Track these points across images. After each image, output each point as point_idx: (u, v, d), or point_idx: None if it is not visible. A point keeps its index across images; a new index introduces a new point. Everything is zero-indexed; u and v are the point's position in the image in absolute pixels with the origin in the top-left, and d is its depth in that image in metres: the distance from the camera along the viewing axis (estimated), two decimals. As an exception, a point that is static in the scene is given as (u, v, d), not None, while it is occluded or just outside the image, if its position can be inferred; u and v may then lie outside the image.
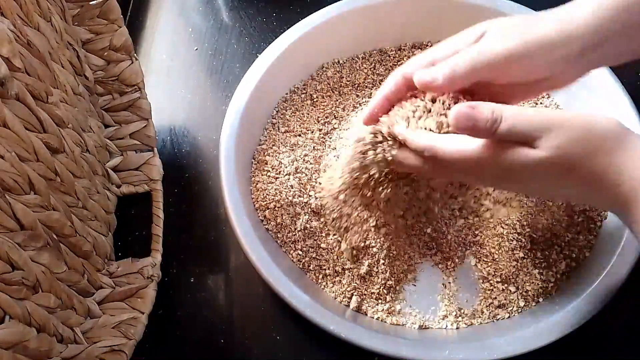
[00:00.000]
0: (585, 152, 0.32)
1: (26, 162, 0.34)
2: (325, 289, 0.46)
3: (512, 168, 0.33)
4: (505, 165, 0.33)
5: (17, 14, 0.35)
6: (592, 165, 0.32)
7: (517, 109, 0.33)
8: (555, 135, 0.32)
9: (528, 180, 0.34)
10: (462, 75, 0.36)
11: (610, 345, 0.45)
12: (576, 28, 0.36)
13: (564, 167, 0.32)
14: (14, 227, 0.33)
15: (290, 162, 0.49)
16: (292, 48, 0.52)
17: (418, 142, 0.36)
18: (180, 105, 0.57)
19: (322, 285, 0.46)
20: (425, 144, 0.36)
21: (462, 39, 0.38)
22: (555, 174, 0.33)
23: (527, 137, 0.33)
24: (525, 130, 0.32)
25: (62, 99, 0.41)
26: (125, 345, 0.42)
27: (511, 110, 0.33)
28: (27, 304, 0.34)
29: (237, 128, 0.48)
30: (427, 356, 0.40)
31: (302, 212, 0.47)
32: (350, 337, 0.41)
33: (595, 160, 0.32)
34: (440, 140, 0.36)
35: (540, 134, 0.32)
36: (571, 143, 0.32)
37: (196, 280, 0.49)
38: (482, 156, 0.34)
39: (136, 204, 0.52)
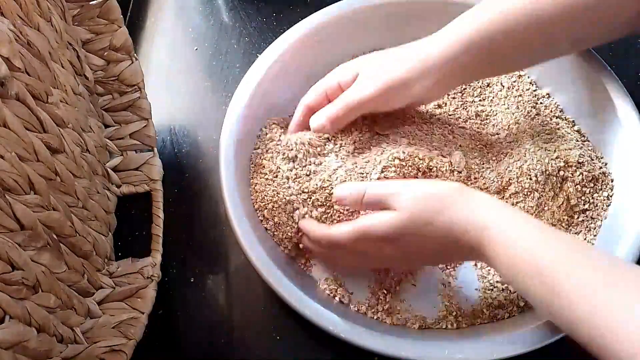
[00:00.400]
0: (431, 208, 0.38)
1: (26, 162, 0.34)
2: (325, 289, 0.46)
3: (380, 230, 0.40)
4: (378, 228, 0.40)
5: (17, 14, 0.35)
6: (441, 220, 0.38)
7: (377, 183, 0.43)
8: (404, 197, 0.39)
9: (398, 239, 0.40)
10: (343, 117, 0.46)
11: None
12: (432, 64, 0.43)
13: (418, 224, 0.39)
14: (14, 227, 0.33)
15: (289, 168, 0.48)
16: (292, 48, 0.52)
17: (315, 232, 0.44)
18: (180, 105, 0.57)
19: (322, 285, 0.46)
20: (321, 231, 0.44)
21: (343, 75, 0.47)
22: (415, 232, 0.39)
23: (385, 203, 0.40)
24: (382, 197, 0.40)
25: (62, 99, 0.41)
26: (125, 345, 0.42)
27: (372, 185, 0.42)
28: (27, 304, 0.34)
29: (237, 128, 0.48)
30: (427, 356, 0.40)
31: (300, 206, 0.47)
32: (350, 337, 0.41)
33: (442, 214, 0.38)
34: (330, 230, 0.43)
35: (392, 198, 0.39)
36: (417, 201, 0.39)
37: (196, 280, 0.49)
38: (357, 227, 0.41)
39: (136, 204, 0.52)
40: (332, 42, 0.54)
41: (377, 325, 0.44)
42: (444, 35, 0.44)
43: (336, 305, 0.45)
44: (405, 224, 0.39)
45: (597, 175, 0.47)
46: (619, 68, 0.49)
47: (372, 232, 0.40)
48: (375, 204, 0.41)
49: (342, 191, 0.43)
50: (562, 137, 0.49)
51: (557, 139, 0.49)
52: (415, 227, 0.39)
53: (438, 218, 0.38)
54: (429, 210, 0.38)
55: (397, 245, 0.40)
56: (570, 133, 0.50)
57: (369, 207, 0.42)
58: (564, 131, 0.50)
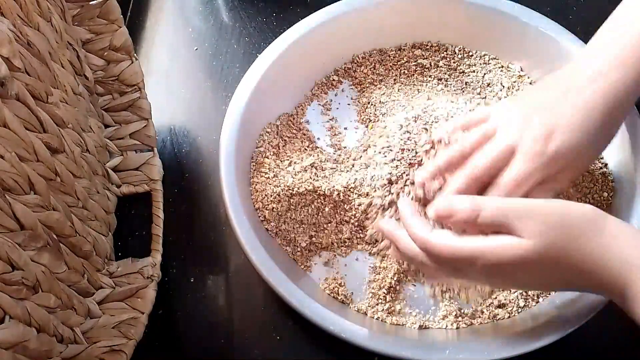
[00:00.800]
0: (566, 238, 0.33)
1: (26, 162, 0.34)
2: (325, 289, 0.46)
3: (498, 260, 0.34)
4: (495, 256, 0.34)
5: (17, 14, 0.35)
6: (577, 251, 0.33)
7: (495, 198, 0.36)
8: (537, 221, 0.33)
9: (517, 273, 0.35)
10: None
11: (610, 345, 0.45)
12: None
13: (551, 257, 0.33)
14: (14, 227, 0.33)
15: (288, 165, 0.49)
16: (292, 48, 0.52)
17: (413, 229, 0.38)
18: (180, 105, 0.57)
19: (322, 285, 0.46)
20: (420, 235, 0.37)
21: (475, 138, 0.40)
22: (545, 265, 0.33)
23: (508, 225, 0.34)
24: (506, 218, 0.34)
25: (62, 99, 0.41)
26: (125, 345, 0.42)
27: (490, 200, 0.35)
28: (27, 304, 0.33)
29: (237, 128, 0.48)
30: (427, 356, 0.40)
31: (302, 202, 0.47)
32: (350, 337, 0.41)
33: (579, 245, 0.33)
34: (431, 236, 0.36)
35: (520, 221, 0.33)
36: (548, 230, 0.33)
37: (196, 280, 0.49)
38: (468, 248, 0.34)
39: (136, 204, 0.52)
40: (332, 42, 0.54)
41: (377, 325, 0.44)
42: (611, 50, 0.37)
43: (336, 305, 0.45)
44: (533, 256, 0.33)
45: (597, 175, 0.47)
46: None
47: (490, 258, 0.34)
48: (493, 226, 0.34)
49: (451, 203, 0.36)
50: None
51: None
52: (543, 260, 0.33)
53: (571, 251, 0.33)
54: (561, 241, 0.33)
55: (515, 275, 0.35)
56: None
57: (485, 228, 0.35)
58: None
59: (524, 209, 0.34)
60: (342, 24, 0.54)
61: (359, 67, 0.55)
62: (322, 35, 0.53)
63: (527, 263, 0.33)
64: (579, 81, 0.38)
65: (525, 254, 0.33)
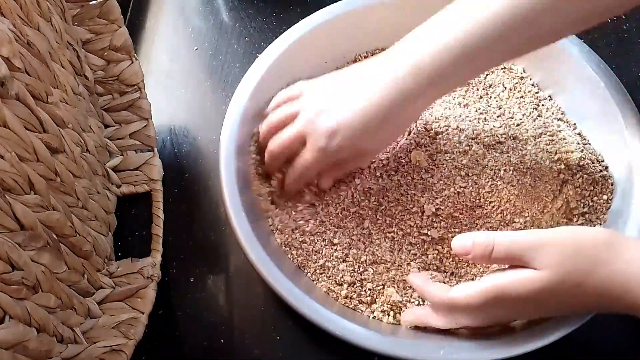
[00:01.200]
0: (582, 267, 0.33)
1: (26, 162, 0.34)
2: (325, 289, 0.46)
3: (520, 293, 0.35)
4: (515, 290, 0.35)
5: (17, 14, 0.35)
6: (596, 278, 0.33)
7: (507, 233, 0.37)
8: (549, 253, 0.34)
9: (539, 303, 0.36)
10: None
11: (610, 345, 0.45)
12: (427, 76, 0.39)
13: (570, 284, 0.34)
14: (14, 227, 0.33)
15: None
16: (292, 48, 0.52)
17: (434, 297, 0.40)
18: (180, 105, 0.57)
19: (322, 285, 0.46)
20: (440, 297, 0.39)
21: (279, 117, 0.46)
22: (564, 293, 0.34)
23: (522, 258, 0.35)
24: (517, 251, 0.35)
25: (62, 99, 0.41)
26: (125, 345, 0.42)
27: (502, 234, 0.36)
28: (27, 304, 0.33)
29: (237, 128, 0.48)
30: (423, 355, 0.40)
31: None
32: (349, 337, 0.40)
33: (597, 272, 0.33)
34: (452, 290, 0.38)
35: (534, 253, 0.34)
36: (564, 259, 0.33)
37: (196, 280, 0.49)
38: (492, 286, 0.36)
39: (136, 204, 0.52)
40: (332, 42, 0.54)
41: (375, 325, 0.44)
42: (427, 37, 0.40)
43: (336, 305, 0.45)
44: (552, 286, 0.34)
45: (597, 178, 0.47)
46: (619, 68, 0.49)
47: (511, 294, 0.35)
48: (508, 259, 0.36)
49: (464, 242, 0.38)
50: (563, 139, 0.49)
51: (558, 141, 0.49)
52: (561, 289, 0.34)
53: (589, 278, 0.33)
54: (579, 269, 0.33)
55: (538, 306, 0.36)
56: (571, 136, 0.50)
57: (500, 262, 0.37)
58: (565, 133, 0.50)
59: (537, 241, 0.35)
60: (342, 24, 0.54)
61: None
62: (322, 35, 0.53)
63: (546, 293, 0.34)
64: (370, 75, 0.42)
65: (543, 285, 0.34)
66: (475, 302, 0.36)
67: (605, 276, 0.33)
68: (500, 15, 0.37)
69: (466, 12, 0.39)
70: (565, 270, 0.33)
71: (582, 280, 0.33)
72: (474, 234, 0.38)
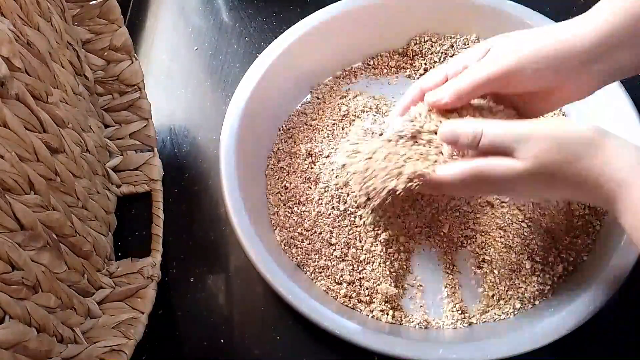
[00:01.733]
0: (561, 158, 0.35)
1: (26, 162, 0.34)
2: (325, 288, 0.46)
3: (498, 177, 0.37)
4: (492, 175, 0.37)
5: (17, 14, 0.35)
6: (571, 171, 0.35)
7: (496, 123, 0.38)
8: (532, 145, 0.35)
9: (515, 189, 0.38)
10: (466, 91, 0.40)
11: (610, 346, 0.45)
12: (576, 42, 0.38)
13: (545, 175, 0.35)
14: (14, 227, 0.33)
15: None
16: (292, 48, 0.52)
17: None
18: (180, 105, 0.57)
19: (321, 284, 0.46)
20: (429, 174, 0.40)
21: (470, 56, 0.42)
22: (539, 182, 0.36)
23: (507, 149, 0.36)
24: (504, 143, 0.36)
25: (62, 99, 0.41)
26: (125, 345, 0.42)
27: (490, 125, 0.37)
28: (27, 304, 0.34)
29: (237, 128, 0.48)
30: (420, 355, 0.40)
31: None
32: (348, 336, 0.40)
33: (573, 165, 0.35)
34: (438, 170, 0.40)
35: (518, 145, 0.36)
36: (547, 152, 0.35)
37: (196, 280, 0.49)
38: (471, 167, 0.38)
39: (136, 204, 0.52)
40: (332, 42, 0.54)
41: (374, 324, 0.44)
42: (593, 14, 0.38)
43: (336, 305, 0.45)
44: (527, 176, 0.36)
45: None
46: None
47: (488, 177, 0.37)
48: (494, 149, 0.37)
49: (453, 129, 0.39)
50: None
51: None
52: (535, 179, 0.36)
53: (568, 169, 0.35)
54: (558, 161, 0.35)
55: (514, 190, 0.38)
56: None
57: (486, 151, 0.38)
58: None
59: (522, 134, 0.36)
60: (342, 24, 0.54)
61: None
62: (322, 35, 0.53)
63: (521, 181, 0.36)
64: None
65: (519, 174, 0.36)
66: (457, 179, 0.38)
67: (581, 169, 0.35)
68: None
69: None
70: (542, 162, 0.35)
71: (559, 173, 0.35)
72: (464, 122, 0.39)
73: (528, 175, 0.36)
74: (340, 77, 0.57)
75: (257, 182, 0.50)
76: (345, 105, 0.53)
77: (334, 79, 0.57)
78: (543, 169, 0.35)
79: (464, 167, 0.38)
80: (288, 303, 0.42)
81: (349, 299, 0.45)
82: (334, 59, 0.56)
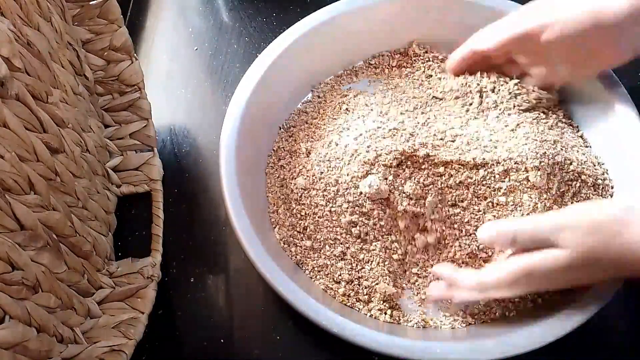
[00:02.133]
0: (602, 241, 0.37)
1: (26, 162, 0.34)
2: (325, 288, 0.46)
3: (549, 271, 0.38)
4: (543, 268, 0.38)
5: (17, 14, 0.35)
6: (612, 251, 0.36)
7: (527, 220, 0.40)
8: (569, 233, 0.37)
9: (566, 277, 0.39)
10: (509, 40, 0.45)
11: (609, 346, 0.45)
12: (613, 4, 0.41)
13: (591, 260, 0.37)
14: (14, 227, 0.33)
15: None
16: (292, 47, 0.52)
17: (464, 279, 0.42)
18: (180, 105, 0.57)
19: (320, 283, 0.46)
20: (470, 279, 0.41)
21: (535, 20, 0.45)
22: (587, 266, 0.37)
23: (546, 241, 0.38)
24: (540, 236, 0.38)
25: (62, 99, 0.41)
26: (125, 345, 0.42)
27: (522, 222, 0.40)
28: (27, 304, 0.34)
29: (238, 128, 0.48)
30: (420, 355, 0.40)
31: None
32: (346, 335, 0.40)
33: (613, 244, 0.36)
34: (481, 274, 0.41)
35: (556, 235, 0.38)
36: (587, 237, 0.37)
37: (196, 280, 0.49)
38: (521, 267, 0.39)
39: (136, 204, 0.52)
40: (332, 42, 0.54)
41: (372, 323, 0.44)
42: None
43: (334, 303, 0.45)
44: (577, 262, 0.37)
45: (598, 182, 0.47)
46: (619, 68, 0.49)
47: (540, 271, 0.38)
48: (533, 244, 0.39)
49: (488, 233, 0.41)
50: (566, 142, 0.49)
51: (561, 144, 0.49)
52: (586, 262, 0.37)
53: (608, 250, 0.37)
54: (598, 243, 0.37)
55: (565, 279, 0.39)
56: (575, 138, 0.50)
57: (525, 247, 0.39)
58: (568, 136, 0.50)
59: (557, 225, 0.38)
60: (342, 24, 0.54)
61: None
62: (322, 35, 0.53)
63: (572, 268, 0.38)
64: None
65: (569, 262, 0.37)
66: (506, 282, 0.39)
67: (619, 247, 0.36)
68: None
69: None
70: (587, 247, 0.37)
71: (601, 254, 0.37)
72: (497, 224, 0.41)
73: (577, 262, 0.37)
74: (341, 76, 0.57)
75: (257, 181, 0.50)
76: (346, 105, 0.53)
77: (335, 78, 0.57)
78: (589, 253, 0.37)
79: (511, 267, 0.39)
80: (286, 301, 0.42)
81: (348, 298, 0.45)
82: (335, 59, 0.56)
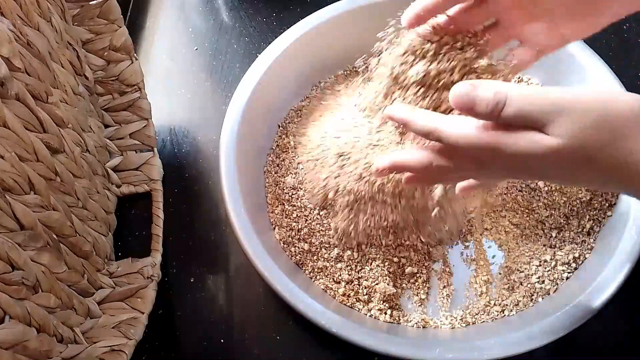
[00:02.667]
0: (602, 139, 0.28)
1: (26, 162, 0.34)
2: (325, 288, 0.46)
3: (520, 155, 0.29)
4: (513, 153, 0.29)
5: (17, 14, 0.35)
6: (610, 155, 0.28)
7: (525, 88, 0.30)
8: (568, 120, 0.28)
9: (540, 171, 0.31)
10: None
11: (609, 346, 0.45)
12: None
13: (579, 158, 0.29)
14: (14, 227, 0.33)
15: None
16: (292, 48, 0.52)
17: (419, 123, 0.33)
18: (180, 105, 0.57)
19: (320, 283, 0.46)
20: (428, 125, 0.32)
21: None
22: (569, 165, 0.29)
23: (537, 122, 0.29)
24: (534, 115, 0.29)
25: (62, 99, 0.41)
26: (125, 345, 0.42)
27: (518, 91, 0.29)
28: (27, 304, 0.34)
29: (237, 128, 0.48)
30: (418, 354, 0.40)
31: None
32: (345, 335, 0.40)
33: (614, 147, 0.28)
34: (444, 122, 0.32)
35: (552, 118, 0.28)
36: (586, 131, 0.28)
37: (196, 280, 0.49)
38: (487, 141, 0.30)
39: (136, 204, 0.52)
40: (332, 42, 0.54)
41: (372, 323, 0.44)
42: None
43: (334, 303, 0.45)
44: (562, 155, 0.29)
45: None
46: (619, 68, 0.49)
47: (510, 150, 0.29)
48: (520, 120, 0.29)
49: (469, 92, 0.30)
50: None
51: None
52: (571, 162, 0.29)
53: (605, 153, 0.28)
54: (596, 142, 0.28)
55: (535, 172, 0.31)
56: None
57: (510, 121, 0.29)
58: None
59: (557, 105, 0.29)
60: (341, 24, 0.54)
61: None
62: (322, 35, 0.53)
63: (551, 161, 0.29)
64: None
65: (544, 153, 0.29)
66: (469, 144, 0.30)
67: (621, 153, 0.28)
68: None
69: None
70: (580, 142, 0.28)
71: (595, 154, 0.28)
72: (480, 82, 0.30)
73: (558, 156, 0.29)
74: (341, 76, 0.57)
75: (257, 181, 0.50)
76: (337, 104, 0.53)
77: (334, 77, 0.57)
78: (580, 150, 0.28)
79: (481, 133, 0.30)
80: (286, 301, 0.42)
81: (347, 298, 0.45)
82: (334, 59, 0.56)
